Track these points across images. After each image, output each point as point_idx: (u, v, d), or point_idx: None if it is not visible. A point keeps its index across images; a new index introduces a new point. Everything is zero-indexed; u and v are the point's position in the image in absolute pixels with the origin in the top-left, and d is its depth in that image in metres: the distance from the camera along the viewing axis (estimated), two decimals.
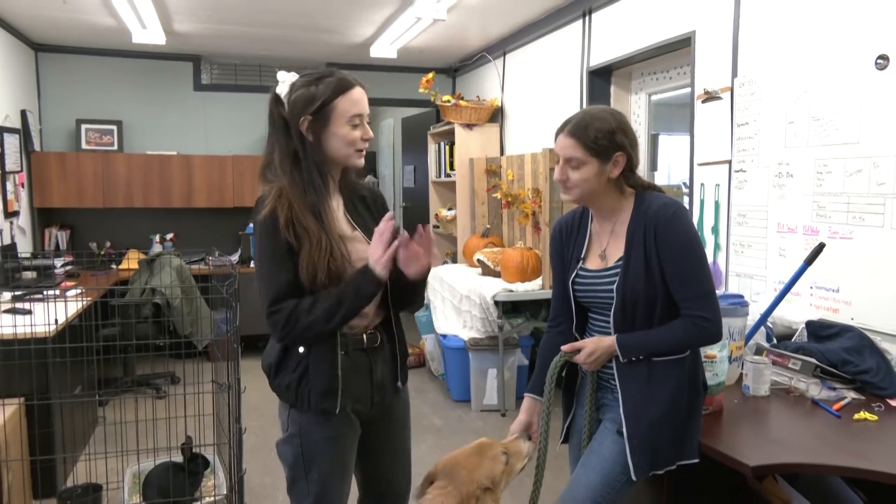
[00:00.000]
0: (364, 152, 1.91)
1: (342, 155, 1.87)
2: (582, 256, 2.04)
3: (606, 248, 1.99)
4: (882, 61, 2.58)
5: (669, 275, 1.86)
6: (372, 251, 1.81)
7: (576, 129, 1.91)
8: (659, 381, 1.89)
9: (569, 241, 2.09)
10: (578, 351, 1.94)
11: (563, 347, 1.96)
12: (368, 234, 1.92)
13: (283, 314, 1.76)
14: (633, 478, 1.87)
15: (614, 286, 1.91)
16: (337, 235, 1.85)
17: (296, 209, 1.79)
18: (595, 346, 1.91)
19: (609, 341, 1.90)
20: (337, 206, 1.93)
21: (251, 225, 1.92)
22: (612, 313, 1.93)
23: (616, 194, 1.96)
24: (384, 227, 1.82)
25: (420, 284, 1.96)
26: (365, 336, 1.94)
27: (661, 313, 1.89)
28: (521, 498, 2.23)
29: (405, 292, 1.96)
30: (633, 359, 1.90)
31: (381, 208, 2.06)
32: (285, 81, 1.87)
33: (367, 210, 2.02)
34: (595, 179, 1.90)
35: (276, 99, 1.88)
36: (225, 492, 3.04)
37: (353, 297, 1.79)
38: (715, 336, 1.90)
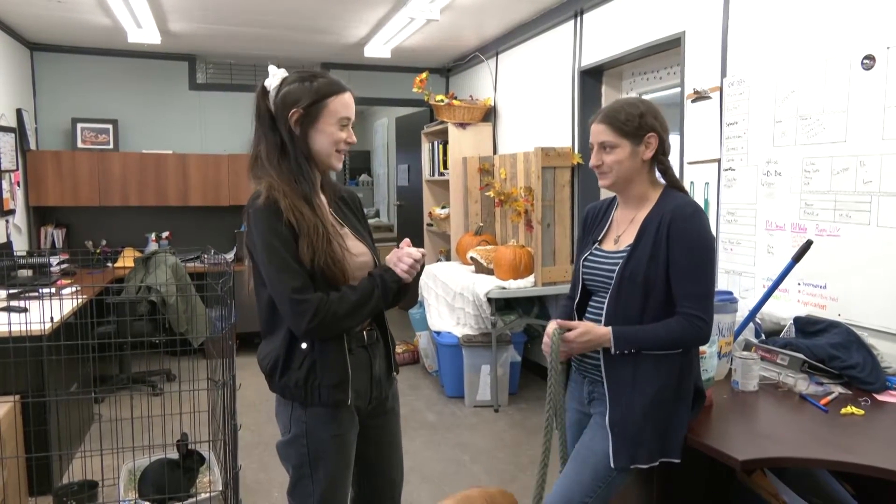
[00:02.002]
0: (342, 156, 1.93)
1: (325, 153, 1.89)
2: (599, 238, 2.10)
3: (622, 234, 2.03)
4: (868, 61, 2.62)
5: (675, 269, 1.89)
6: (395, 256, 1.93)
7: (607, 114, 1.98)
8: (645, 374, 1.91)
9: (593, 224, 2.16)
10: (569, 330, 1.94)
11: (558, 322, 1.95)
12: (354, 230, 1.98)
13: (310, 305, 1.76)
14: (612, 464, 1.90)
15: (616, 268, 1.95)
16: (330, 224, 1.88)
17: (290, 196, 1.80)
18: (589, 329, 1.91)
19: (604, 330, 1.90)
20: (323, 204, 1.96)
21: (244, 224, 1.92)
22: (607, 296, 1.96)
23: (647, 182, 2.01)
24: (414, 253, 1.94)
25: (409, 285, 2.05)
26: (365, 333, 1.97)
27: (654, 305, 1.91)
28: (517, 491, 2.26)
29: (400, 294, 2.03)
30: (625, 352, 1.91)
31: (359, 208, 2.12)
32: (276, 75, 1.88)
33: (348, 209, 2.06)
34: (628, 161, 1.96)
35: (264, 91, 1.89)
36: (220, 488, 3.05)
37: (381, 294, 1.87)
38: (706, 338, 1.92)
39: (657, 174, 2.05)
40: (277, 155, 1.87)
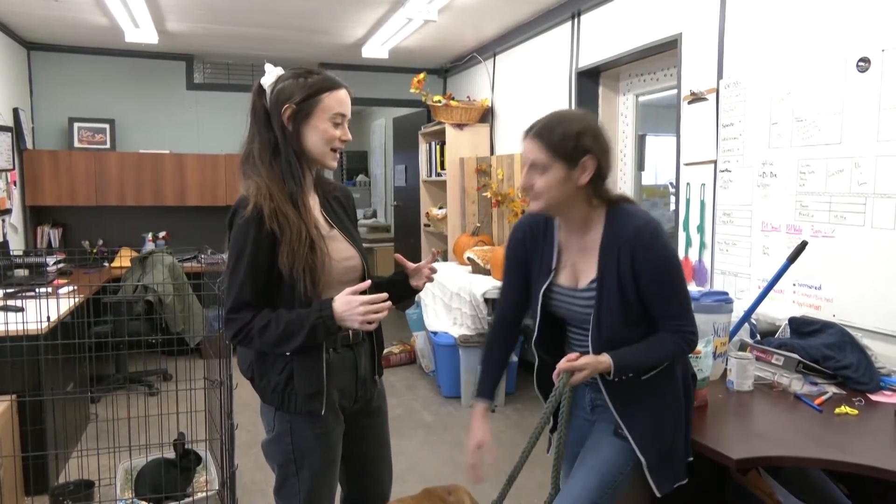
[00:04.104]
0: (338, 154, 1.92)
1: (318, 152, 1.87)
2: (553, 268, 1.94)
3: (577, 265, 1.91)
4: (863, 64, 2.63)
5: (651, 294, 1.82)
6: (348, 305, 1.77)
7: (541, 130, 1.79)
8: (649, 393, 1.90)
9: (534, 248, 1.99)
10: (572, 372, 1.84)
11: (561, 366, 1.82)
12: (345, 231, 1.96)
13: (236, 325, 1.77)
14: (658, 494, 1.88)
15: (591, 312, 1.86)
16: (315, 229, 1.85)
17: (276, 199, 1.79)
18: (594, 368, 1.80)
19: (606, 363, 1.80)
20: (313, 204, 1.95)
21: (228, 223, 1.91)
22: (589, 335, 1.88)
23: (586, 205, 1.84)
24: (362, 287, 1.80)
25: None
26: (350, 333, 1.95)
27: (635, 320, 1.86)
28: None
29: (402, 296, 2.08)
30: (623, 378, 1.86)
31: (352, 208, 2.11)
32: (272, 73, 1.88)
33: (341, 208, 2.04)
34: (561, 186, 1.78)
35: (260, 89, 1.89)
36: (217, 487, 3.05)
37: (306, 337, 1.77)
38: (696, 345, 1.90)
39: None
40: (270, 153, 1.87)
